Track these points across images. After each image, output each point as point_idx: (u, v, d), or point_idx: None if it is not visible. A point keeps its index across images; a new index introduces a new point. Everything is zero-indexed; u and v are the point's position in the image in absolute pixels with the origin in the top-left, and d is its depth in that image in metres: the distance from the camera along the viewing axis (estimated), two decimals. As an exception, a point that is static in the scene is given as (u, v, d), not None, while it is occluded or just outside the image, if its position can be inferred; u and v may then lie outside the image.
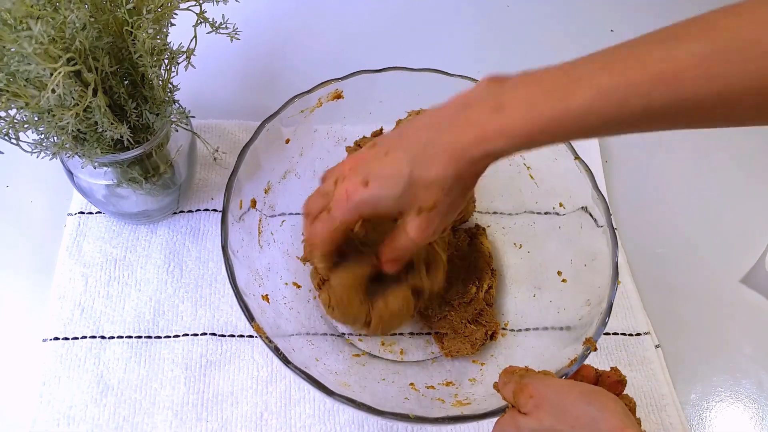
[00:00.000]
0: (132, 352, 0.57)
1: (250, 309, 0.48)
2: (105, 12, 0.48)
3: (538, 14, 0.91)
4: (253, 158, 0.55)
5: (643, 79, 0.33)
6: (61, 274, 0.60)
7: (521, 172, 0.62)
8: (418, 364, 0.57)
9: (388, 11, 0.89)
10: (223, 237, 0.50)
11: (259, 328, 0.47)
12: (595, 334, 0.48)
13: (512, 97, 0.37)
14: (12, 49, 0.40)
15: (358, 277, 0.51)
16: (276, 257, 0.59)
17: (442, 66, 0.60)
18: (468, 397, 0.52)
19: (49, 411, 0.53)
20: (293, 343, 0.52)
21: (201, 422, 0.54)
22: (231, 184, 0.52)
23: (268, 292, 0.54)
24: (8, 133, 0.46)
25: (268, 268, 0.57)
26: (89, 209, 0.64)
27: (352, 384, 0.50)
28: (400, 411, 0.44)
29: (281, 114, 0.57)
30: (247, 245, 0.54)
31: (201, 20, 0.50)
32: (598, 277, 0.52)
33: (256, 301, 0.51)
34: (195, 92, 0.64)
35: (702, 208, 0.72)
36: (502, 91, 0.38)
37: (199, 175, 0.67)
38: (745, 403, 0.59)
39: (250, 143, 0.54)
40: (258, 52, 0.82)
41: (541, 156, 0.58)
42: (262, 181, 0.58)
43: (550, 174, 0.59)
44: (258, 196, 0.57)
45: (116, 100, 0.52)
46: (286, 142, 0.59)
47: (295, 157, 0.61)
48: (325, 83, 0.58)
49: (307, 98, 0.58)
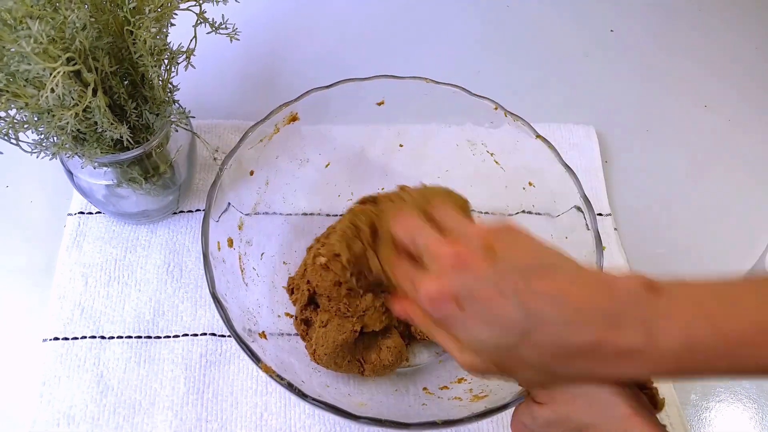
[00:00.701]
0: (132, 352, 0.57)
1: (254, 351, 0.46)
2: (105, 12, 0.48)
3: (538, 14, 0.91)
4: (221, 197, 0.53)
5: None
6: (61, 274, 0.60)
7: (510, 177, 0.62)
8: (426, 367, 0.57)
9: (389, 11, 0.89)
10: (210, 283, 0.48)
11: (268, 368, 0.45)
12: None
13: (668, 322, 0.33)
14: (12, 49, 0.40)
15: (341, 344, 0.51)
16: (263, 292, 0.57)
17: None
18: (483, 389, 0.51)
19: (49, 411, 0.53)
20: (300, 374, 0.51)
21: (201, 422, 0.54)
22: (206, 227, 0.50)
23: (263, 329, 0.53)
24: (8, 133, 0.46)
25: (258, 304, 0.56)
26: (89, 209, 0.64)
27: (368, 402, 0.50)
28: (426, 419, 0.44)
29: (241, 147, 0.55)
30: (234, 286, 0.53)
31: (201, 20, 0.50)
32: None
33: (254, 340, 0.49)
34: (195, 92, 0.64)
35: (702, 208, 0.72)
36: (656, 306, 0.34)
37: (199, 176, 0.67)
38: (745, 403, 0.59)
39: (215, 183, 0.52)
40: (258, 52, 0.82)
41: (540, 160, 0.58)
42: (234, 218, 0.56)
43: (543, 179, 0.59)
44: (233, 234, 0.55)
45: (116, 100, 0.52)
46: (250, 174, 0.58)
47: (262, 188, 0.60)
48: (279, 108, 0.57)
49: (263, 127, 0.56)
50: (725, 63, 0.88)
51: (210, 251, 0.50)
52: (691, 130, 0.80)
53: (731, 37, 0.91)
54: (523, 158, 0.59)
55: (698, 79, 0.85)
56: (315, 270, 0.51)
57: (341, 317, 0.52)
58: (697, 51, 0.89)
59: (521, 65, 0.85)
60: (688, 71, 0.86)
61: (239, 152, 0.55)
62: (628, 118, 0.80)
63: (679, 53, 0.88)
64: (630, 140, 0.78)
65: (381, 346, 0.54)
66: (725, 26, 0.92)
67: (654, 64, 0.87)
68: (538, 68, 0.85)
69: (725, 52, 0.89)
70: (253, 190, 0.59)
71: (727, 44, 0.90)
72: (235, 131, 0.71)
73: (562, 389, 0.38)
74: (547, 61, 0.86)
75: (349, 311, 0.52)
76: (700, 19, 0.93)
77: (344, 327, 0.51)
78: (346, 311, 0.52)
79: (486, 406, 0.45)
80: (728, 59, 0.88)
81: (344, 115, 0.61)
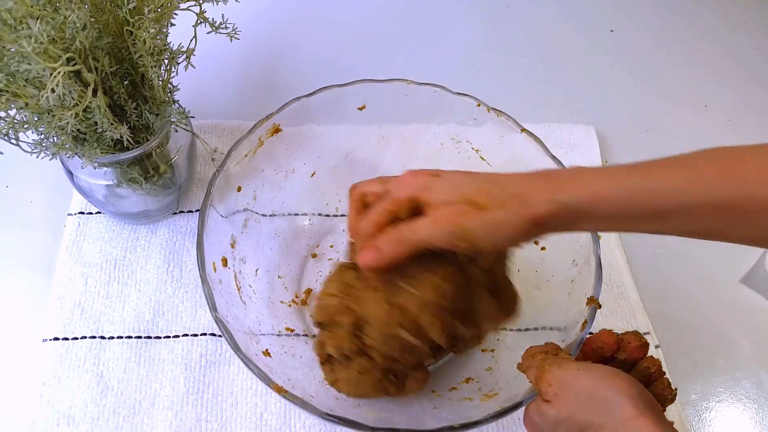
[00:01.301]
0: (132, 352, 0.56)
1: (264, 371, 0.45)
2: (105, 12, 0.48)
3: (538, 14, 0.91)
4: (212, 217, 0.52)
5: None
6: (61, 274, 0.60)
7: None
8: (433, 370, 0.56)
9: (389, 11, 0.90)
10: (210, 304, 0.47)
11: (280, 388, 0.44)
12: (594, 292, 0.48)
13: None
14: (12, 49, 0.40)
15: (370, 390, 0.48)
16: (261, 309, 0.56)
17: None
18: (492, 387, 0.51)
19: (49, 411, 0.53)
20: (309, 389, 0.50)
21: (201, 422, 0.54)
22: (201, 245, 0.49)
23: (266, 347, 0.52)
24: (8, 134, 0.46)
25: (258, 322, 0.55)
26: (89, 209, 0.64)
27: (379, 412, 0.49)
28: (441, 425, 0.43)
29: (228, 162, 0.54)
30: (233, 306, 0.52)
31: (201, 20, 0.50)
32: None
33: (260, 360, 0.48)
34: (195, 92, 0.64)
35: (702, 208, 0.72)
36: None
37: (199, 176, 0.67)
38: (745, 403, 0.59)
39: (205, 202, 0.52)
40: (258, 52, 0.82)
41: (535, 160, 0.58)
42: (226, 237, 0.55)
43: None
44: (226, 253, 0.54)
45: (116, 100, 0.52)
46: (237, 190, 0.57)
47: (250, 203, 0.59)
48: (261, 122, 0.57)
49: (246, 142, 0.56)
50: (725, 63, 0.88)
51: (207, 273, 0.49)
52: (691, 130, 0.80)
53: (731, 37, 0.91)
54: (511, 153, 0.59)
55: (698, 79, 0.85)
56: (384, 336, 0.46)
57: (383, 376, 0.48)
58: (697, 51, 0.89)
59: (521, 65, 0.85)
60: (688, 71, 0.86)
61: (226, 169, 0.54)
62: (628, 118, 0.80)
63: (679, 53, 0.88)
64: (630, 140, 0.78)
65: (409, 377, 0.51)
66: (725, 26, 0.92)
67: (654, 64, 0.87)
68: (538, 68, 0.85)
69: (725, 52, 0.89)
70: (241, 206, 0.58)
71: (727, 44, 0.90)
72: (235, 131, 0.71)
73: (567, 388, 0.38)
74: (547, 61, 0.86)
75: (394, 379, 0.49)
76: (700, 19, 0.93)
77: (381, 385, 0.48)
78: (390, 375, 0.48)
79: (500, 405, 0.45)
80: (728, 59, 0.88)
81: (327, 122, 0.61)
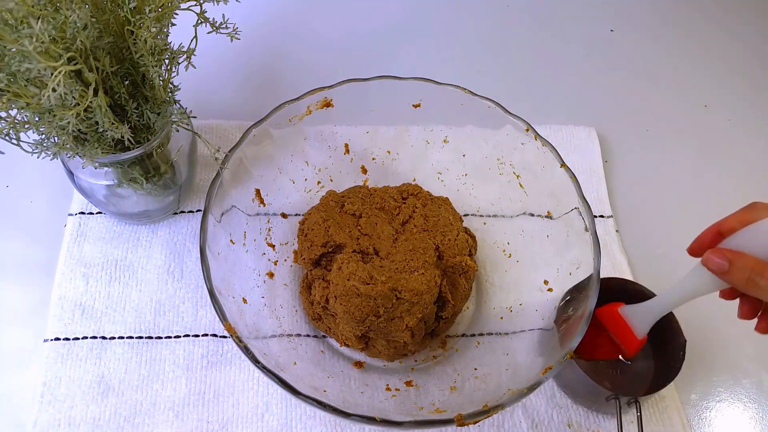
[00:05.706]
0: (133, 352, 0.56)
1: (223, 308, 0.47)
2: (106, 12, 0.48)
3: (538, 14, 0.91)
4: (223, 194, 0.54)
5: None
6: (61, 274, 0.60)
7: (511, 180, 0.62)
8: (426, 370, 0.57)
9: (389, 11, 0.90)
10: (206, 278, 0.49)
11: (231, 328, 0.47)
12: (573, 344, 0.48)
13: None
14: (13, 48, 0.40)
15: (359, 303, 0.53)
16: (258, 258, 0.59)
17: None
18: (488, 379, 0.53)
19: (50, 411, 0.53)
20: (300, 373, 0.51)
21: (202, 423, 0.54)
22: (205, 224, 0.51)
23: (245, 295, 0.54)
24: (9, 134, 0.46)
25: (254, 269, 0.57)
26: (90, 209, 0.64)
27: (364, 406, 0.50)
28: (445, 417, 0.44)
29: (243, 144, 0.56)
30: (238, 285, 0.54)
31: (201, 20, 0.50)
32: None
33: (235, 304, 0.51)
34: (195, 92, 0.64)
35: (702, 208, 0.72)
36: None
37: (199, 176, 0.67)
38: (745, 403, 0.59)
39: (216, 179, 0.53)
40: (258, 51, 0.82)
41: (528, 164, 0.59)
42: (237, 218, 0.57)
43: (538, 181, 0.59)
44: (235, 234, 0.56)
45: (117, 100, 0.52)
46: (253, 173, 0.59)
47: (265, 186, 0.61)
48: (251, 127, 0.57)
49: (296, 105, 0.58)
50: (725, 63, 0.88)
51: (210, 248, 0.50)
52: (691, 130, 0.80)
53: (731, 37, 0.91)
54: (524, 160, 0.59)
55: (698, 79, 0.85)
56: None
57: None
58: (697, 51, 0.89)
59: (521, 66, 0.85)
60: (688, 71, 0.86)
61: (240, 150, 0.56)
62: (628, 118, 0.80)
63: (679, 53, 0.88)
64: (630, 140, 0.78)
65: (403, 317, 0.53)
66: (725, 26, 0.92)
67: (654, 64, 0.87)
68: (539, 69, 0.85)
69: (725, 52, 0.89)
70: (252, 189, 0.59)
71: (727, 44, 0.90)
72: (235, 132, 0.71)
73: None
74: (547, 61, 0.86)
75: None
76: (700, 19, 0.93)
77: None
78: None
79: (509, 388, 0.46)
80: (728, 59, 0.88)
81: (351, 115, 0.62)
